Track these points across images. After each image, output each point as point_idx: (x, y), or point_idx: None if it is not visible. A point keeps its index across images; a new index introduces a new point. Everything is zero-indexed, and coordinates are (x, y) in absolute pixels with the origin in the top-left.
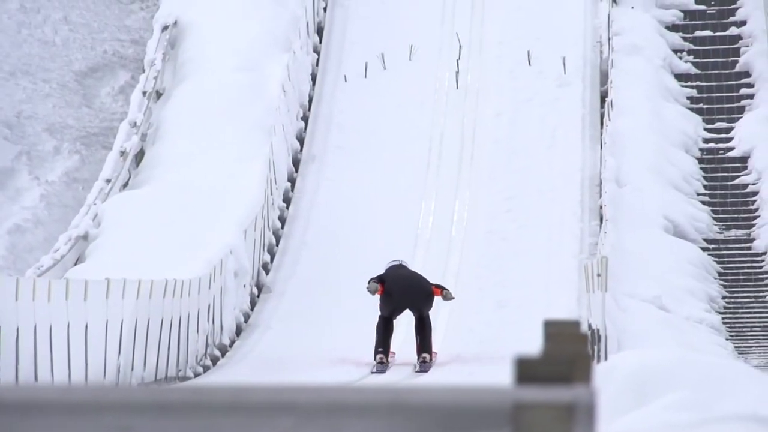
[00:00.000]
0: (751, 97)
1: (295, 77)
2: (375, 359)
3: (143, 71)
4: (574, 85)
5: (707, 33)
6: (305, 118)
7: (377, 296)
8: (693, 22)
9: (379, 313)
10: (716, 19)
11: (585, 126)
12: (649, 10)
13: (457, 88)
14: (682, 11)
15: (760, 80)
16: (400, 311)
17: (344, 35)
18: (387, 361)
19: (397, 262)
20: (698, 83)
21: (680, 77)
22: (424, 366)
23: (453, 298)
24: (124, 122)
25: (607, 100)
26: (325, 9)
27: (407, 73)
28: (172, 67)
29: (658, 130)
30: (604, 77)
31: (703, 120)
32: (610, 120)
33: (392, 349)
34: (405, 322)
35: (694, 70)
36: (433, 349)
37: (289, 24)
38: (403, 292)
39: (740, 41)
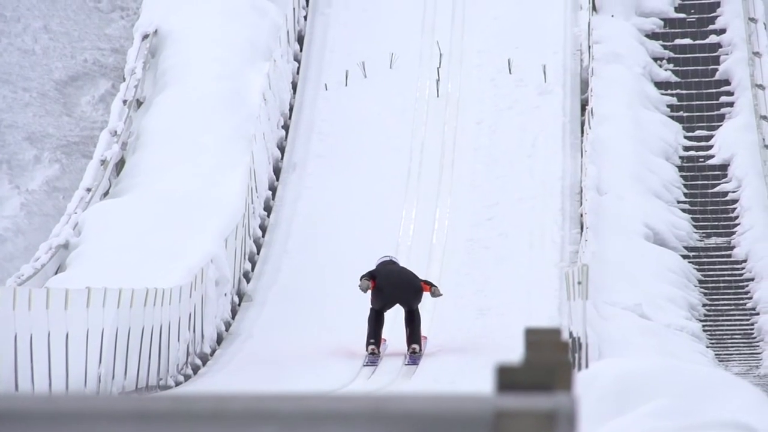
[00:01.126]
0: (731, 104)
1: (275, 85)
2: (367, 350)
3: (123, 80)
4: (555, 93)
5: (687, 41)
6: (286, 127)
7: (364, 292)
8: (673, 30)
9: (371, 306)
10: (696, 27)
11: (565, 134)
12: (629, 18)
13: (437, 96)
14: (662, 19)
15: (739, 88)
16: (390, 306)
17: (325, 44)
18: (378, 351)
19: (388, 258)
20: (678, 91)
21: (660, 85)
22: (413, 357)
23: (441, 294)
24: (104, 131)
25: (588, 108)
26: (305, 17)
27: (388, 81)
28: (152, 75)
29: (638, 138)
30: (585, 85)
31: (684, 128)
32: (590, 128)
33: (383, 335)
34: (394, 311)
35: (674, 78)
36: (423, 334)
37: (269, 32)
38: (394, 288)
39: (720, 49)
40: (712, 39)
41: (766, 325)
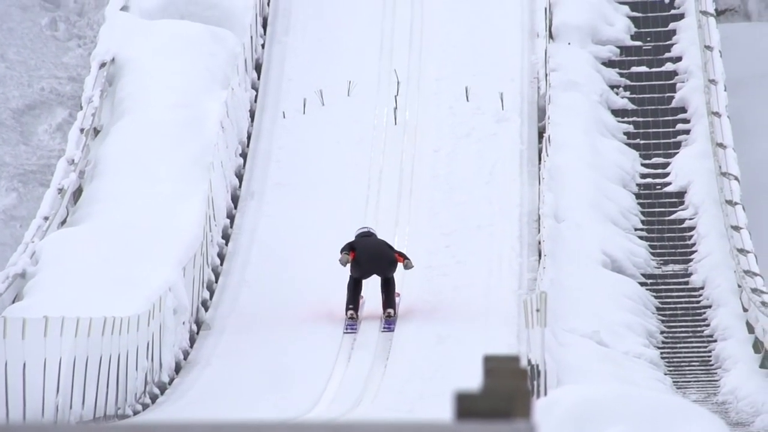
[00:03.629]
0: (687, 132)
1: (233, 114)
2: (346, 315)
3: (81, 108)
4: (512, 120)
5: (643, 69)
6: (244, 155)
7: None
8: (629, 58)
9: (350, 275)
10: (652, 55)
11: (523, 161)
12: (586, 46)
13: (395, 123)
14: (618, 47)
15: (695, 116)
16: (368, 275)
17: (282, 72)
18: (357, 315)
19: (366, 230)
20: (635, 119)
21: (617, 113)
22: (389, 322)
23: (413, 267)
24: (61, 159)
25: (545, 135)
26: (263, 45)
27: (346, 109)
28: (109, 104)
29: (595, 166)
30: (542, 113)
31: (640, 155)
32: (548, 155)
33: (362, 295)
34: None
35: (630, 106)
36: (396, 291)
37: (227, 60)
38: (371, 259)
39: (676, 77)
40: (669, 67)
41: (723, 352)
